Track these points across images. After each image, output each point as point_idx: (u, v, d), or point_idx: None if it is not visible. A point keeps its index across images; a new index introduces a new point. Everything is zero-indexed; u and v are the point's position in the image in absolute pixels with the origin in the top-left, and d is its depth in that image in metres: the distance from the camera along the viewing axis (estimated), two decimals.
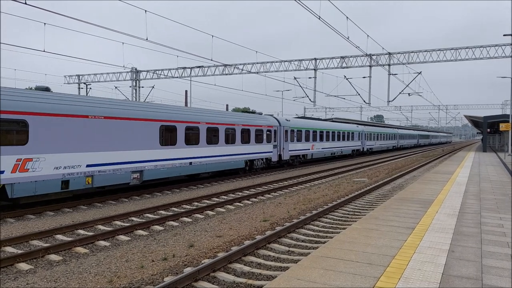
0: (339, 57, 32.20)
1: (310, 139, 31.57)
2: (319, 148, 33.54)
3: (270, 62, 34.04)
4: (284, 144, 27.33)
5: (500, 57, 27.45)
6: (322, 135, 34.20)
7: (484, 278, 5.03)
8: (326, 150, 35.00)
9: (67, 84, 44.34)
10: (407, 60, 30.27)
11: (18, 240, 9.26)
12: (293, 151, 28.83)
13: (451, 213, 9.17)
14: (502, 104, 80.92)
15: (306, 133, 30.96)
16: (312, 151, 32.09)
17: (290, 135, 28.20)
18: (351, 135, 41.94)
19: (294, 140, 28.72)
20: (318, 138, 33.07)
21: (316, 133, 32.78)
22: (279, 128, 26.88)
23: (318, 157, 34.02)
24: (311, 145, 31.70)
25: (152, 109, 16.82)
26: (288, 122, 28.27)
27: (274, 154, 26.25)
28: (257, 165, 24.42)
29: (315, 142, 32.62)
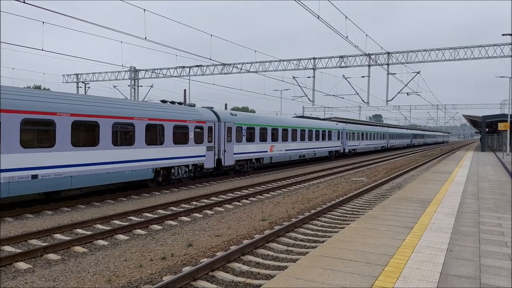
0: (338, 56, 32.22)
1: (268, 138, 25.60)
2: (282, 150, 27.54)
3: (269, 61, 34.05)
4: (226, 146, 21.30)
5: (499, 57, 27.50)
6: (287, 134, 28.27)
7: (482, 277, 5.04)
8: (292, 152, 29.01)
9: (65, 83, 44.27)
10: (405, 59, 30.31)
11: (16, 239, 9.25)
12: (240, 154, 22.65)
13: (450, 212, 9.19)
14: (501, 103, 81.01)
15: (262, 132, 24.90)
16: (272, 153, 26.06)
17: (237, 134, 22.18)
18: (327, 134, 35.79)
19: (242, 140, 22.74)
20: (280, 137, 27.10)
21: (277, 131, 26.79)
22: (217, 125, 20.76)
23: (281, 160, 27.94)
24: (269, 146, 25.72)
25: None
26: (233, 117, 22.33)
27: (209, 158, 19.98)
28: (179, 175, 18.18)
29: (276, 142, 26.67)
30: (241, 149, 22.74)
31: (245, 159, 23.38)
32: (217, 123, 20.86)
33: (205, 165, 19.78)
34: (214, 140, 20.47)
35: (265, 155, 25.40)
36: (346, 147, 40.76)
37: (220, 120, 21.06)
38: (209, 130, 20.09)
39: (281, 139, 27.34)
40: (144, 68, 40.21)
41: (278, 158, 27.22)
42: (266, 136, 25.39)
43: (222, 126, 21.13)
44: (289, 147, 28.68)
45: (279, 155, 27.20)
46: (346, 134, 40.87)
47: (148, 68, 39.68)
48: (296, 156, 29.86)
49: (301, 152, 30.60)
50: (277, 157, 27.01)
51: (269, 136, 25.75)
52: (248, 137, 23.39)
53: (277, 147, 26.85)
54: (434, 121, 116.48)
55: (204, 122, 19.71)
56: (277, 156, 26.90)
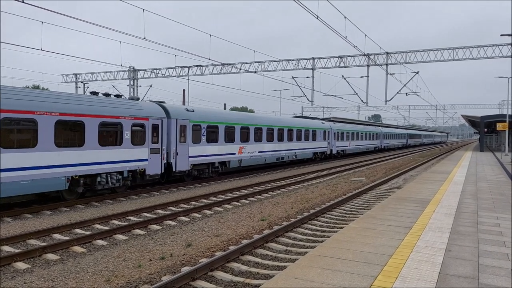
0: (337, 56, 32.23)
1: (237, 138, 22.49)
2: (254, 151, 24.33)
3: (268, 61, 34.06)
4: (179, 147, 18.03)
5: (498, 57, 27.54)
6: (261, 133, 25.09)
7: (481, 277, 5.05)
8: (267, 155, 25.86)
9: (64, 83, 44.24)
10: (404, 59, 30.34)
11: (15, 239, 9.24)
12: (199, 157, 19.41)
13: (448, 212, 9.20)
14: (499, 104, 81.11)
15: (228, 131, 21.82)
16: (241, 156, 22.90)
17: (193, 133, 19.11)
18: (311, 134, 32.37)
19: (201, 141, 19.52)
20: (252, 137, 23.97)
21: (248, 130, 23.65)
22: (166, 123, 17.41)
23: (254, 164, 24.88)
24: (238, 148, 22.55)
25: None
26: (189, 114, 18.99)
27: (154, 163, 16.66)
28: (108, 184, 14.79)
29: (247, 143, 23.52)
30: (199, 151, 19.43)
31: (206, 162, 20.12)
32: (166, 120, 17.40)
33: (148, 171, 16.33)
34: (162, 140, 17.07)
35: (233, 158, 22.20)
36: (333, 148, 37.54)
37: (170, 116, 17.69)
38: (153, 128, 16.62)
39: (254, 139, 24.19)
40: (143, 68, 40.22)
41: (250, 161, 24.02)
42: (233, 136, 22.21)
43: (173, 124, 17.72)
44: (264, 149, 25.47)
45: (251, 157, 23.98)
46: (334, 134, 37.69)
47: (147, 68, 39.68)
48: (273, 158, 26.65)
49: (279, 154, 27.29)
50: (248, 160, 23.78)
51: (238, 136, 22.61)
52: (209, 137, 20.21)
53: (249, 149, 23.67)
54: (433, 121, 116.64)
55: (147, 119, 16.20)
56: (248, 159, 23.67)
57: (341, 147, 39.81)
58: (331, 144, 36.83)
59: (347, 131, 41.41)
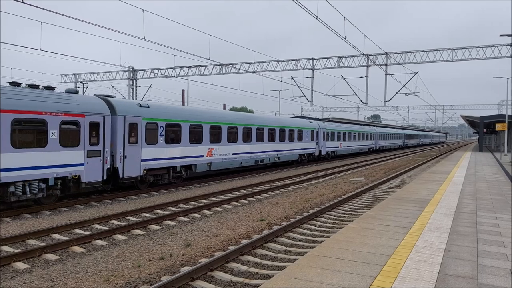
0: (336, 57, 32.26)
1: (205, 139, 19.86)
2: (227, 153, 21.60)
3: (268, 61, 34.07)
4: (128, 149, 15.34)
5: (497, 58, 27.58)
6: (235, 133, 22.40)
7: (480, 277, 5.06)
8: (243, 157, 23.15)
9: (63, 83, 44.22)
10: (404, 60, 30.37)
11: (14, 239, 9.24)
12: (155, 160, 16.79)
13: (448, 212, 9.22)
14: (498, 104, 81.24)
15: (194, 130, 19.14)
16: (211, 158, 20.28)
17: (148, 133, 16.37)
18: (296, 134, 29.83)
19: (157, 142, 16.84)
20: (224, 137, 21.32)
21: (219, 130, 20.96)
22: (110, 120, 14.70)
23: (227, 167, 21.96)
24: (206, 150, 19.98)
25: None
26: (141, 110, 16.17)
27: (93, 168, 13.98)
28: (26, 194, 12.24)
29: (218, 144, 20.80)
30: (155, 153, 16.79)
31: (165, 167, 17.48)
32: (109, 117, 14.69)
33: (85, 178, 13.71)
34: (104, 141, 14.40)
35: (200, 161, 19.58)
36: (322, 149, 34.91)
37: (116, 113, 14.99)
38: (92, 127, 14.02)
39: (227, 140, 21.60)
40: (143, 68, 40.22)
41: (222, 165, 21.33)
42: (201, 135, 19.59)
43: (120, 121, 15.06)
44: (240, 150, 22.80)
45: (223, 160, 21.36)
46: (324, 134, 35.02)
47: (147, 68, 39.68)
48: (251, 161, 24.12)
49: (258, 156, 24.68)
50: (220, 163, 21.14)
51: (207, 135, 19.96)
52: (169, 138, 17.65)
53: (220, 150, 21.02)
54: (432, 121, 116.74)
55: (82, 116, 13.60)
56: (219, 162, 21.05)
57: (332, 148, 37.44)
58: (319, 144, 34.31)
59: (338, 131, 39.06)
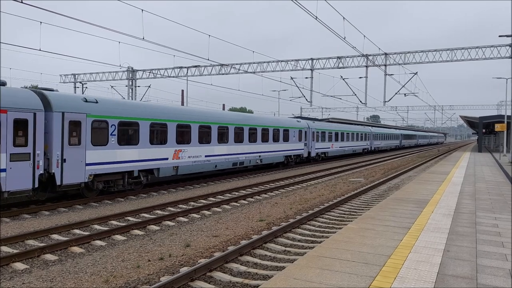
0: (335, 57, 32.26)
1: (171, 139, 17.48)
2: (199, 155, 19.32)
3: (267, 62, 34.06)
4: (67, 152, 13.19)
5: (496, 58, 27.58)
6: (209, 133, 20.11)
7: (479, 277, 5.07)
8: (218, 159, 20.80)
9: (62, 83, 44.21)
10: (403, 60, 30.38)
11: (13, 239, 9.23)
12: (104, 164, 14.41)
13: (447, 213, 9.22)
14: (498, 104, 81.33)
15: (156, 129, 16.80)
16: (178, 161, 17.96)
17: (94, 132, 14.07)
18: (282, 134, 27.68)
19: (107, 143, 14.52)
20: (194, 138, 19.00)
21: (188, 129, 18.67)
22: (42, 117, 12.58)
23: (197, 171, 19.76)
24: (172, 152, 17.59)
25: None
26: (86, 106, 13.87)
27: (19, 174, 11.91)
28: None
29: (187, 145, 18.51)
30: (105, 156, 14.40)
31: (118, 171, 15.06)
32: (43, 113, 12.52)
33: (7, 186, 11.59)
34: (35, 142, 12.29)
35: (164, 164, 17.19)
36: (312, 150, 32.83)
37: (52, 108, 12.82)
38: (18, 124, 11.89)
39: (198, 140, 19.33)
40: (142, 69, 40.22)
41: (192, 168, 19.01)
42: (165, 136, 17.24)
43: (57, 119, 12.91)
44: (214, 152, 20.46)
45: (194, 163, 19.01)
46: (313, 134, 33.05)
47: (146, 69, 39.66)
48: (227, 163, 21.71)
49: (236, 158, 22.34)
50: (189, 167, 18.79)
51: (172, 136, 17.63)
52: (123, 138, 15.31)
53: (190, 152, 18.70)
54: (432, 122, 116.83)
55: (4, 112, 11.53)
56: (188, 165, 18.71)
57: (322, 149, 35.35)
58: (308, 145, 32.20)
59: (329, 131, 37.05)
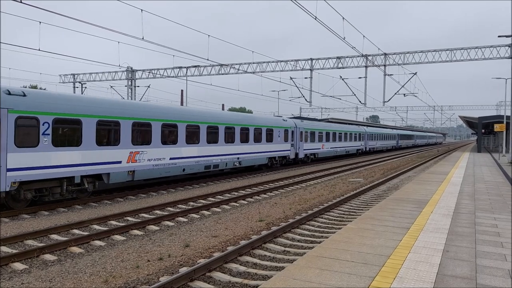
0: (335, 57, 32.26)
1: (124, 139, 15.12)
2: (164, 157, 17.00)
3: (266, 62, 34.06)
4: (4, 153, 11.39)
5: (495, 58, 27.61)
6: (175, 132, 17.79)
7: (478, 277, 5.07)
8: (187, 162, 18.41)
9: (62, 83, 44.17)
10: (402, 60, 30.39)
11: (12, 239, 9.22)
12: (34, 170, 12.35)
13: (446, 213, 9.23)
14: (497, 105, 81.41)
15: (107, 128, 14.53)
16: (133, 165, 15.52)
17: (20, 131, 11.96)
18: (265, 134, 25.32)
19: (38, 144, 12.41)
20: (156, 138, 16.66)
21: (149, 128, 16.36)
22: None
23: (161, 175, 17.18)
24: (127, 154, 15.28)
25: None
26: (9, 99, 11.62)
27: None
28: None
29: (146, 146, 16.20)
30: (35, 160, 12.28)
31: (53, 178, 12.94)
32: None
33: None
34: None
35: (116, 168, 14.79)
36: (300, 151, 30.69)
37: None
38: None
39: (161, 141, 16.90)
40: (141, 69, 40.19)
41: (152, 172, 16.55)
42: (117, 135, 14.83)
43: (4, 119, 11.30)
44: (181, 154, 18.08)
45: (155, 167, 16.62)
46: (301, 134, 30.83)
47: (145, 69, 39.63)
48: (198, 167, 19.22)
49: (209, 160, 19.89)
50: (149, 171, 16.33)
51: (127, 136, 15.23)
52: (61, 138, 13.12)
53: (150, 154, 16.30)
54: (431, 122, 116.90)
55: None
56: (148, 170, 16.26)
57: (312, 150, 33.15)
58: (296, 146, 30.05)
59: (320, 130, 34.79)
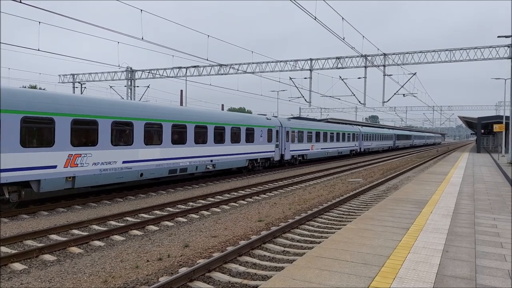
0: (334, 57, 32.25)
1: (61, 139, 13.12)
2: (114, 161, 14.72)
3: (266, 62, 34.04)
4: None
5: (495, 59, 27.62)
6: (130, 131, 15.46)
7: (478, 278, 5.07)
8: (144, 166, 15.96)
9: (61, 83, 44.13)
10: (402, 61, 30.40)
11: (12, 240, 9.21)
12: None
13: (446, 213, 9.23)
14: (496, 105, 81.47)
15: (36, 125, 12.60)
16: (73, 170, 13.38)
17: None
18: (244, 134, 22.90)
19: None
20: (102, 137, 14.33)
21: (96, 126, 14.15)
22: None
23: (111, 182, 14.86)
24: (65, 157, 13.19)
25: None
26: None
27: None
28: None
29: (91, 148, 14.00)
30: None
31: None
32: None
33: None
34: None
35: (50, 174, 12.70)
36: (286, 152, 28.69)
37: None
38: None
39: (111, 141, 14.69)
40: (141, 69, 40.15)
41: (99, 178, 14.27)
42: (51, 135, 12.86)
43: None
44: (137, 156, 15.48)
45: (103, 172, 14.35)
46: (287, 133, 28.93)
47: (145, 69, 39.60)
48: (161, 171, 16.79)
49: (174, 164, 17.48)
50: (95, 177, 14.11)
51: (64, 135, 13.18)
52: None
53: (96, 157, 14.09)
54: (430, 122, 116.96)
55: None
56: (94, 175, 14.06)
57: (299, 151, 30.95)
58: (281, 147, 28.00)
59: (309, 130, 32.57)
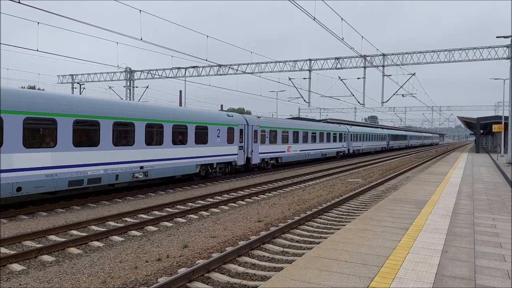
0: (333, 58, 32.25)
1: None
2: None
3: (265, 62, 34.02)
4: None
5: (494, 59, 27.64)
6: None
7: (477, 278, 5.07)
8: (29, 176, 11.99)
9: (60, 84, 44.07)
10: (401, 61, 30.42)
11: (10, 240, 9.18)
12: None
13: (445, 213, 9.23)
14: (495, 105, 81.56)
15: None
16: None
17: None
18: (194, 133, 19.09)
19: None
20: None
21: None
22: None
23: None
24: None
25: None
26: None
27: None
28: None
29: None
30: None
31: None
32: None
33: None
34: None
35: None
36: (254, 155, 24.16)
37: None
38: None
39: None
40: (140, 69, 40.12)
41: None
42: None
43: None
44: (12, 164, 11.66)
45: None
46: (256, 133, 24.51)
47: (144, 69, 39.57)
48: (56, 183, 12.84)
49: (80, 173, 13.62)
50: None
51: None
52: None
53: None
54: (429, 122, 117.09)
55: None
56: None
57: (272, 154, 26.27)
58: (247, 149, 23.60)
59: (284, 129, 28.17)
